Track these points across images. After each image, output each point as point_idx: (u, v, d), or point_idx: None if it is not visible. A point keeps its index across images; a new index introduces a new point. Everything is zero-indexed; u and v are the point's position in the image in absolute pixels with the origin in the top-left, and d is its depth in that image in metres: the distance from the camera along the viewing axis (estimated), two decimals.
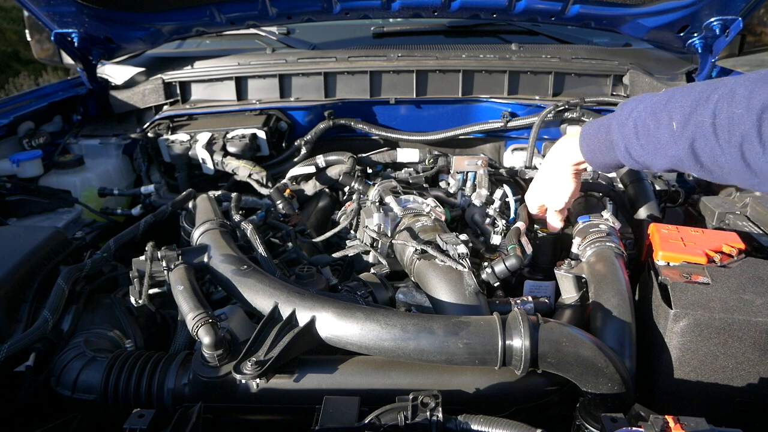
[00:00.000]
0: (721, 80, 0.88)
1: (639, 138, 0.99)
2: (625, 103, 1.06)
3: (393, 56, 2.07)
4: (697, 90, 0.90)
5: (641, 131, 0.98)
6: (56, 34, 1.95)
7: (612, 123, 1.06)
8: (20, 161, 1.85)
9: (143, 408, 0.85)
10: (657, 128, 0.95)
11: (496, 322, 0.94)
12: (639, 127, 0.98)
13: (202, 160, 1.93)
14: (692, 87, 0.92)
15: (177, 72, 2.14)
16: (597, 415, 0.89)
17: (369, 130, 2.05)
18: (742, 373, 0.97)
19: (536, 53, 2.10)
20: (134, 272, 1.16)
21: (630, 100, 1.06)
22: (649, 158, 0.99)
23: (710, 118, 0.85)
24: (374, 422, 0.82)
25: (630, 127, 1.00)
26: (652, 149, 0.97)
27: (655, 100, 0.97)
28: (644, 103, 0.99)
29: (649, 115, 0.97)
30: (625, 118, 1.03)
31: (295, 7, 1.97)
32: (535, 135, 1.84)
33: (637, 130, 0.99)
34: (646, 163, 1.01)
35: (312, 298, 1.02)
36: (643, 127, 0.98)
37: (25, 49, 9.14)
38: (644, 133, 0.98)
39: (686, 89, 0.93)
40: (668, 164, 0.97)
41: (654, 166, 1.00)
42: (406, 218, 1.43)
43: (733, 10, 1.82)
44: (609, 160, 1.10)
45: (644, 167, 1.04)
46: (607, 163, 1.11)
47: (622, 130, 1.02)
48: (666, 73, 2.08)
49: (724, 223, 1.40)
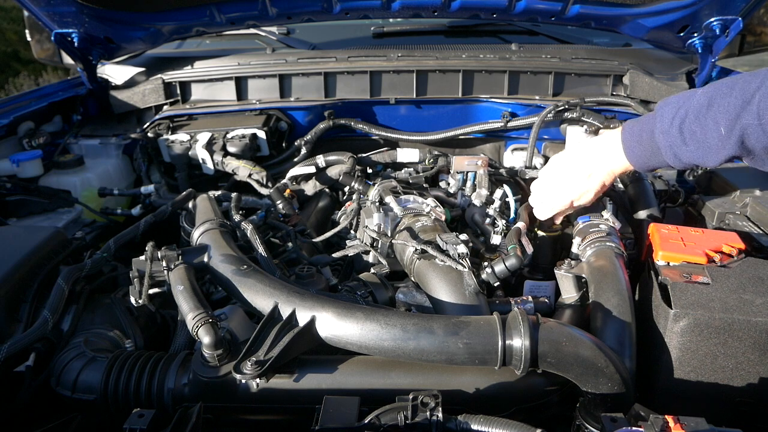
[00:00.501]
0: (755, 74, 0.91)
1: (687, 144, 1.00)
2: (663, 106, 1.06)
3: (393, 56, 2.07)
4: (737, 90, 0.92)
5: (688, 138, 1.00)
6: (56, 34, 1.95)
7: (654, 130, 1.06)
8: (20, 161, 1.85)
9: (143, 408, 0.85)
10: (704, 134, 0.97)
11: (496, 322, 0.94)
12: (685, 134, 1.00)
13: (202, 160, 1.93)
14: (731, 86, 0.94)
15: (177, 72, 2.14)
16: (597, 415, 0.89)
17: (369, 130, 2.05)
18: (742, 373, 0.97)
19: (536, 53, 2.10)
20: (134, 272, 1.16)
21: (665, 102, 1.06)
22: (701, 160, 1.01)
23: (756, 119, 0.89)
24: (374, 422, 0.82)
25: (675, 135, 1.02)
26: (702, 153, 0.99)
27: (696, 105, 0.99)
28: (685, 108, 1.00)
29: (694, 122, 0.98)
30: (668, 125, 1.03)
31: (295, 7, 1.97)
32: (535, 135, 1.84)
33: (684, 137, 1.00)
34: (697, 163, 1.03)
35: (312, 298, 1.02)
36: (690, 134, 0.99)
37: (25, 49, 9.14)
38: (692, 139, 0.99)
39: (724, 88, 0.95)
40: (721, 161, 0.99)
41: (707, 165, 1.02)
42: (406, 218, 1.43)
43: (733, 10, 1.82)
44: (657, 163, 1.10)
45: (697, 166, 1.07)
46: (655, 166, 1.12)
47: (668, 139, 1.03)
48: (666, 73, 2.08)
49: (724, 223, 1.40)
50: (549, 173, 1.32)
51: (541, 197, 1.34)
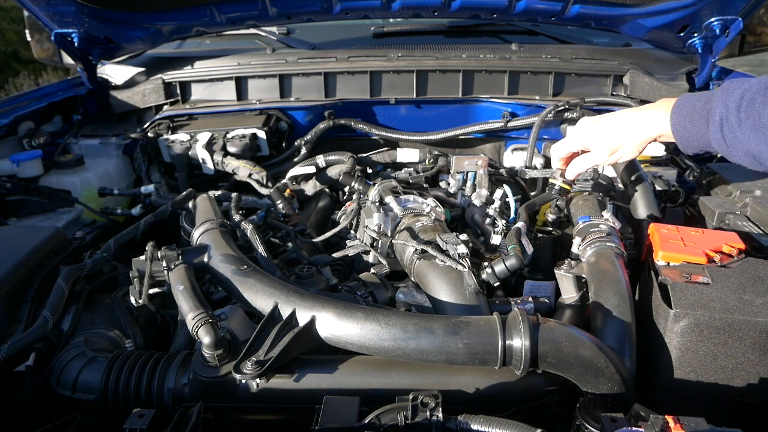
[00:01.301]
0: None
1: (740, 111, 0.94)
2: (726, 85, 1.00)
3: (393, 56, 2.07)
4: None
5: (746, 104, 0.93)
6: (56, 34, 1.95)
7: (716, 92, 1.00)
8: (20, 161, 1.85)
9: (143, 408, 0.85)
10: (764, 104, 0.91)
11: (496, 322, 0.94)
12: (746, 99, 0.94)
13: (202, 160, 1.93)
14: None
15: (177, 72, 2.14)
16: (597, 415, 0.89)
17: (369, 130, 2.05)
18: (742, 373, 0.97)
19: (536, 53, 2.11)
20: (134, 272, 1.16)
21: (728, 83, 1.01)
22: (742, 137, 0.94)
23: None
24: (374, 422, 0.82)
25: (736, 96, 0.95)
26: (749, 126, 0.93)
27: (756, 86, 0.94)
28: (760, 80, 0.95)
29: (760, 91, 0.92)
30: (733, 87, 0.97)
31: (295, 7, 1.97)
32: (535, 135, 1.84)
33: (742, 102, 0.94)
34: (733, 143, 0.96)
35: (312, 298, 1.02)
36: (749, 100, 0.93)
37: (25, 49, 9.14)
38: (749, 106, 0.93)
39: None
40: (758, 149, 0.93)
41: (736, 153, 0.96)
42: (406, 218, 1.43)
43: (733, 10, 1.82)
44: (695, 133, 1.03)
45: (725, 152, 0.99)
46: (691, 136, 1.04)
47: (726, 99, 0.97)
48: (666, 73, 2.08)
49: (724, 223, 1.40)
50: (592, 124, 1.25)
51: (577, 133, 1.27)
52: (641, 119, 1.14)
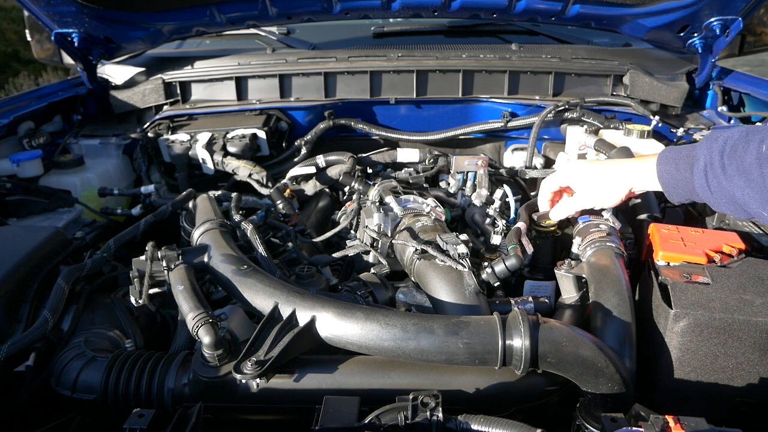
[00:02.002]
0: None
1: (723, 156, 0.98)
2: (706, 137, 1.05)
3: (393, 56, 2.07)
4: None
5: (728, 150, 0.97)
6: (56, 34, 1.95)
7: (701, 141, 1.05)
8: (20, 161, 1.85)
9: (143, 408, 0.85)
10: (745, 150, 0.94)
11: (496, 322, 0.94)
12: (728, 145, 0.98)
13: (202, 160, 1.93)
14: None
15: (177, 72, 2.14)
16: (597, 415, 0.89)
17: (369, 130, 2.05)
18: (742, 373, 0.97)
19: (536, 53, 2.10)
20: (134, 272, 1.16)
21: (709, 134, 1.05)
22: (726, 182, 0.97)
23: None
24: (374, 422, 0.82)
25: (720, 143, 0.99)
26: (733, 170, 0.96)
27: (752, 127, 0.98)
28: (741, 128, 1.00)
29: (741, 137, 0.96)
30: (716, 136, 1.01)
31: (295, 7, 1.97)
32: (535, 135, 1.84)
33: (725, 148, 0.98)
34: (718, 189, 0.99)
35: (312, 298, 1.02)
36: (732, 147, 0.97)
37: (25, 49, 9.13)
38: (731, 151, 0.97)
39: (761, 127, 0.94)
40: (742, 193, 0.95)
41: (720, 200, 0.99)
42: (406, 218, 1.43)
43: (733, 10, 1.82)
44: (681, 179, 1.06)
45: (709, 200, 1.02)
46: (677, 182, 1.07)
47: (710, 146, 1.01)
48: (666, 73, 2.08)
49: (724, 223, 1.40)
50: (582, 168, 1.28)
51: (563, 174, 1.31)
52: (628, 170, 1.19)
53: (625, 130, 1.75)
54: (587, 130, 1.84)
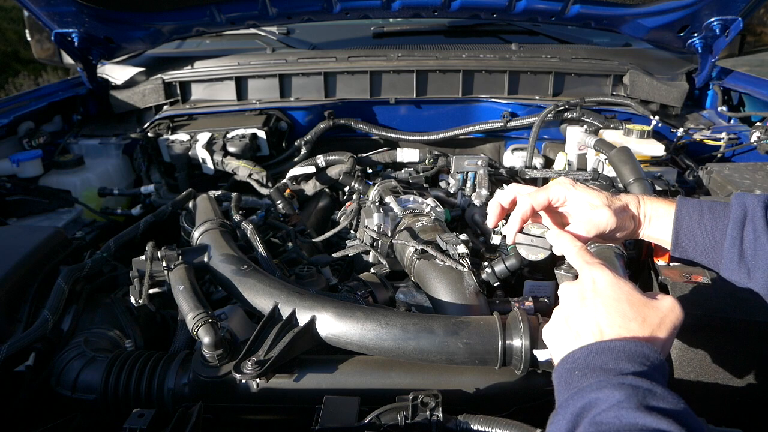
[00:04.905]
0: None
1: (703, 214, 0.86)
2: None
3: (393, 56, 2.07)
4: None
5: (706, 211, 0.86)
6: (56, 34, 1.95)
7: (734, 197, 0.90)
8: (20, 161, 1.85)
9: (143, 408, 0.85)
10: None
11: (496, 322, 0.94)
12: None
13: (202, 160, 1.93)
14: None
15: (177, 72, 2.14)
16: None
17: (369, 130, 2.05)
18: (742, 373, 0.97)
19: (536, 53, 2.11)
20: (134, 272, 1.16)
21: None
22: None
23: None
24: (374, 422, 0.82)
25: (762, 198, 0.84)
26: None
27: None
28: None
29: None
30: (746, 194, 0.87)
31: (295, 7, 1.97)
32: (535, 135, 1.85)
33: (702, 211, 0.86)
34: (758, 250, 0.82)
35: (312, 298, 1.02)
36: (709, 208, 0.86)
37: (25, 49, 9.14)
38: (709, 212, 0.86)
39: None
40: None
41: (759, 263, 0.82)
42: (406, 218, 1.43)
43: (733, 10, 1.82)
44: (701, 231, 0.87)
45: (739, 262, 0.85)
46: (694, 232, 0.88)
47: (743, 199, 0.85)
48: (666, 73, 2.08)
49: None
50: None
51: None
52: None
53: (625, 130, 1.75)
54: (587, 130, 1.84)
